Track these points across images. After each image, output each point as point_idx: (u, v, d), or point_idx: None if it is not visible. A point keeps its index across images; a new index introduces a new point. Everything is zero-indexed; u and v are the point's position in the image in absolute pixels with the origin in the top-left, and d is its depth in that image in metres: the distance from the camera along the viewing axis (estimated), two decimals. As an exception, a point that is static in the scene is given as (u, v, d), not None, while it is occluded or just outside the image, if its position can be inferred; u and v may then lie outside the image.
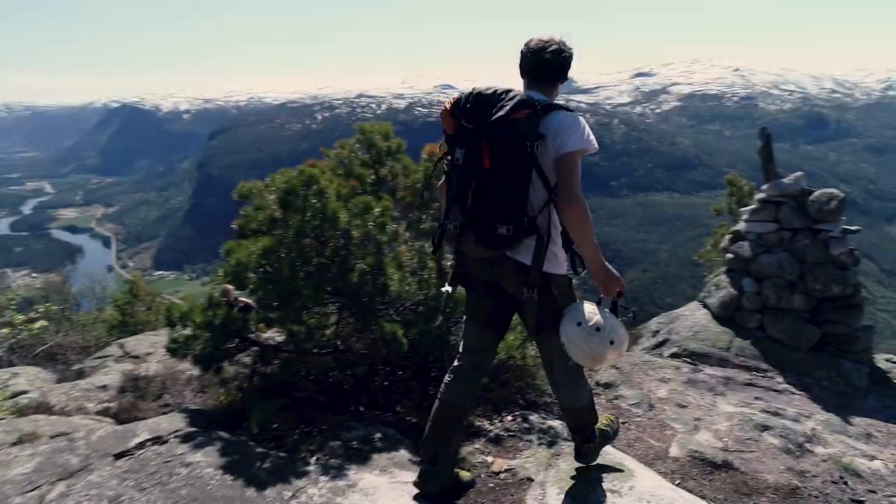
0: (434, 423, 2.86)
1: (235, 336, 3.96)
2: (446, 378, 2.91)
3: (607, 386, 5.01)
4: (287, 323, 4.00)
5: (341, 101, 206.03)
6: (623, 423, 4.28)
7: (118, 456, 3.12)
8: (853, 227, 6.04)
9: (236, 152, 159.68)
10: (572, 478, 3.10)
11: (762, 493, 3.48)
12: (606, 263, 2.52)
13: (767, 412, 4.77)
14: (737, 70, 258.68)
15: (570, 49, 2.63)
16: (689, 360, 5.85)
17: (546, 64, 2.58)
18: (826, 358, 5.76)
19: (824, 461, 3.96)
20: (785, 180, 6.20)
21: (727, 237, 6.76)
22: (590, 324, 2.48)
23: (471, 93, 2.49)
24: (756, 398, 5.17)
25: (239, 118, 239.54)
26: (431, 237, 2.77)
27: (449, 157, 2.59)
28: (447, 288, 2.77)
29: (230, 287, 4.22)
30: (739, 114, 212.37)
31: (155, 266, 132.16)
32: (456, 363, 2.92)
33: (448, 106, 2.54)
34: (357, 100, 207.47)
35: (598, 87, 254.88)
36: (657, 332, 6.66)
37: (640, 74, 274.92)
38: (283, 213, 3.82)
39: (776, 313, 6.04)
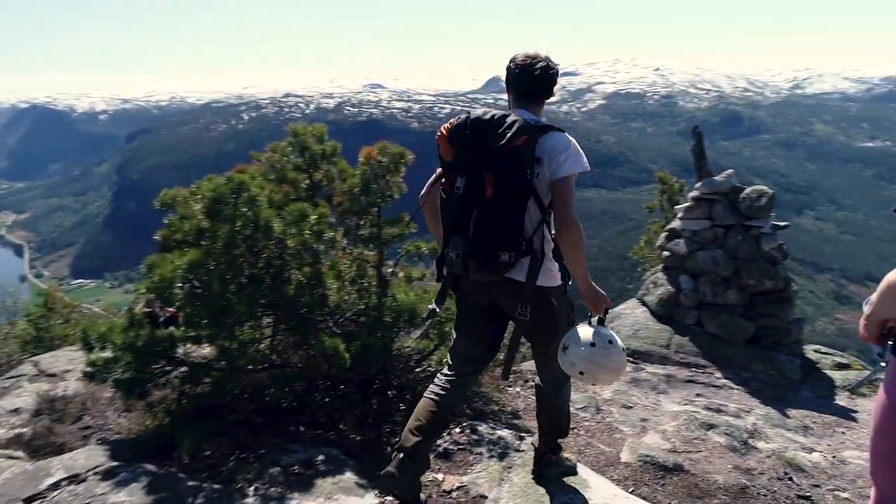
0: (422, 419, 2.74)
1: (161, 357, 3.66)
2: (440, 381, 2.82)
3: (553, 390, 4.94)
4: (218, 340, 3.72)
5: (268, 101, 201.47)
6: (573, 428, 4.20)
7: (29, 501, 2.79)
8: (782, 223, 6.21)
9: (158, 154, 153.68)
10: (526, 492, 3.00)
11: (713, 494, 3.47)
12: (592, 283, 2.54)
13: (710, 409, 4.81)
14: (657, 70, 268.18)
15: (557, 65, 2.64)
16: (631, 359, 5.86)
17: (535, 80, 2.57)
18: (761, 351, 5.89)
19: (768, 457, 4.00)
20: (717, 178, 6.31)
21: (663, 235, 6.83)
22: (602, 340, 2.46)
23: (467, 118, 2.45)
24: (698, 395, 5.22)
25: (160, 119, 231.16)
26: (437, 264, 2.70)
27: (446, 184, 2.52)
28: (433, 306, 2.74)
29: (153, 296, 3.91)
30: (661, 112, 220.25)
31: (73, 274, 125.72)
32: (448, 373, 2.84)
33: (445, 132, 2.50)
34: (284, 99, 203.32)
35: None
36: (598, 331, 6.68)
37: (565, 74, 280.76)
38: (210, 223, 3.55)
39: (712, 309, 6.13)
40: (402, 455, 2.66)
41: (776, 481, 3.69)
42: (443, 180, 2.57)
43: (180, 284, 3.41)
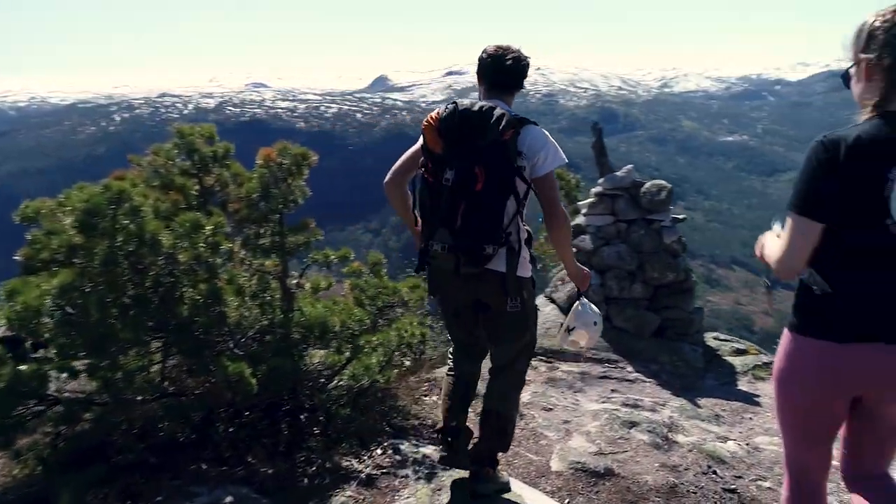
0: (449, 399, 3.04)
1: (29, 397, 3.12)
2: (451, 361, 3.11)
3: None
4: (99, 371, 3.22)
5: (142, 101, 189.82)
6: (497, 438, 4.04)
7: None
8: (681, 216, 6.37)
9: (18, 159, 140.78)
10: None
11: (646, 497, 3.40)
12: (577, 263, 2.85)
13: (628, 405, 4.81)
14: (538, 69, 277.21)
15: (528, 57, 2.70)
16: (544, 358, 5.80)
17: (507, 70, 2.64)
18: (667, 343, 6.01)
19: (690, 451, 4.01)
20: (618, 174, 6.38)
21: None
22: (597, 315, 3.01)
23: (455, 110, 2.47)
24: (613, 391, 5.22)
25: (19, 121, 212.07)
26: (419, 257, 2.71)
27: (429, 175, 2.53)
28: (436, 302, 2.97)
29: None
30: (542, 109, 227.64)
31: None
32: (453, 379, 3.08)
33: (433, 122, 2.51)
34: (160, 99, 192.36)
35: (412, 86, 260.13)
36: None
37: (451, 73, 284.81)
38: (85, 239, 3.05)
39: (619, 303, 6.19)
40: (447, 437, 2.94)
41: (702, 476, 3.69)
42: (423, 170, 2.57)
43: (50, 312, 2.90)
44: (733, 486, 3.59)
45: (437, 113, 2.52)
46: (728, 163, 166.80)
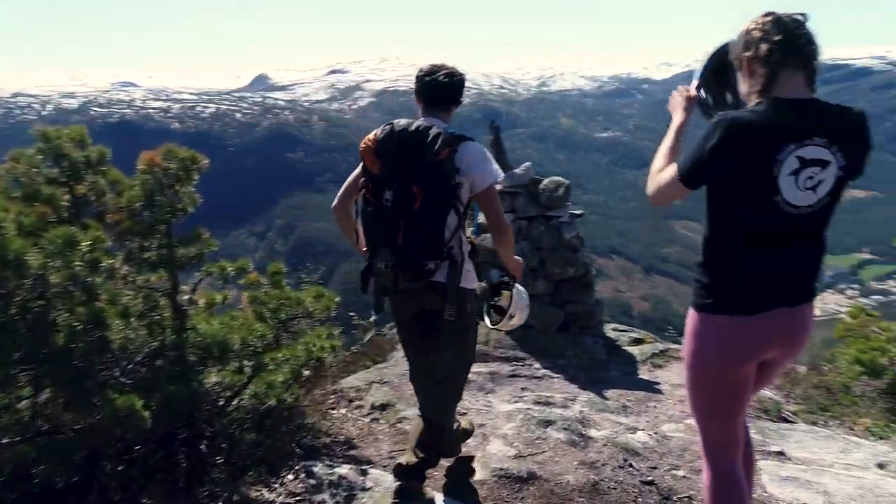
0: (414, 437, 3.05)
1: None
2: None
3: (384, 408, 4.57)
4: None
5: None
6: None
7: None
8: (578, 212, 6.48)
9: None
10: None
11: (570, 498, 3.36)
12: (515, 258, 3.02)
13: (540, 403, 4.80)
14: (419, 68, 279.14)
15: (462, 74, 2.84)
16: (453, 360, 5.71)
17: (442, 87, 2.74)
18: (571, 337, 6.10)
19: (605, 446, 4.04)
20: (517, 171, 6.40)
21: (470, 230, 6.79)
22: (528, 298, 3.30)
23: (392, 131, 2.55)
24: (523, 389, 5.21)
25: None
26: (361, 276, 2.79)
27: (370, 196, 2.60)
28: (373, 317, 3.12)
29: None
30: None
31: None
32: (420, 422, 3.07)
33: (371, 144, 2.58)
34: (13, 99, 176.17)
35: (294, 85, 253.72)
36: (414, 334, 6.45)
37: (334, 71, 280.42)
38: (-71, 262, 2.59)
39: (523, 300, 6.21)
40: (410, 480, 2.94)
41: (619, 470, 3.71)
42: (363, 192, 2.63)
43: None
44: (650, 478, 3.64)
45: (375, 135, 2.60)
46: (603, 158, 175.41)
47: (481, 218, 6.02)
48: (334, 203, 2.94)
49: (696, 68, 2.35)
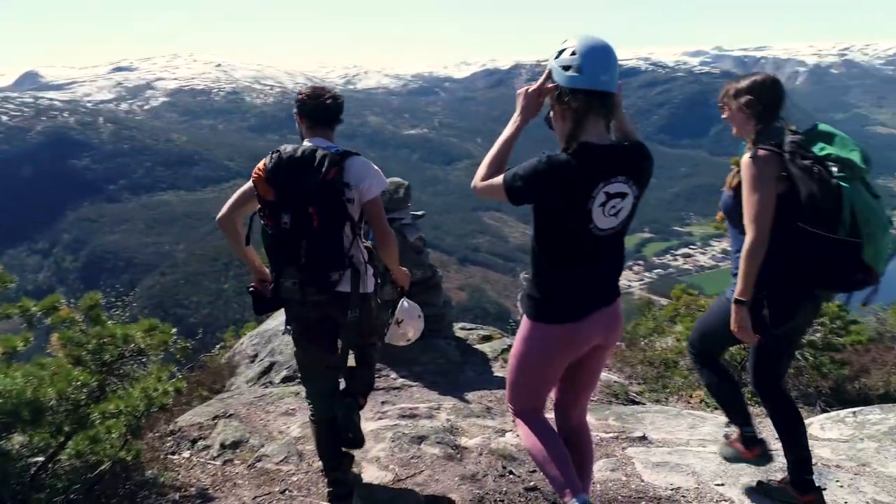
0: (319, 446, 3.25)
1: None
2: (310, 408, 3.21)
3: (236, 446, 4.05)
4: None
5: None
6: (283, 493, 3.46)
7: None
8: (419, 213, 6.33)
9: None
10: None
11: (460, 518, 3.18)
12: (400, 267, 3.32)
13: (405, 416, 4.57)
14: (219, 65, 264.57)
15: (342, 97, 3.05)
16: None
17: (327, 108, 2.95)
18: (424, 342, 5.91)
19: (481, 455, 3.92)
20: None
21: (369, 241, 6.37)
22: (419, 310, 3.60)
23: (280, 158, 2.72)
24: (384, 403, 4.95)
25: None
26: (254, 296, 3.16)
27: (269, 220, 2.77)
28: (287, 327, 3.10)
29: None
30: (229, 108, 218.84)
31: None
32: (316, 426, 3.19)
33: (261, 173, 2.73)
34: None
35: (72, 83, 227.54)
36: (256, 355, 5.88)
37: (119, 69, 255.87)
38: None
39: (371, 308, 5.94)
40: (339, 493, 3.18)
41: (501, 480, 3.60)
42: (261, 216, 2.81)
43: None
44: (532, 483, 3.56)
45: (264, 164, 2.74)
46: (413, 154, 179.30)
47: None
48: (221, 214, 3.06)
49: (551, 65, 2.31)
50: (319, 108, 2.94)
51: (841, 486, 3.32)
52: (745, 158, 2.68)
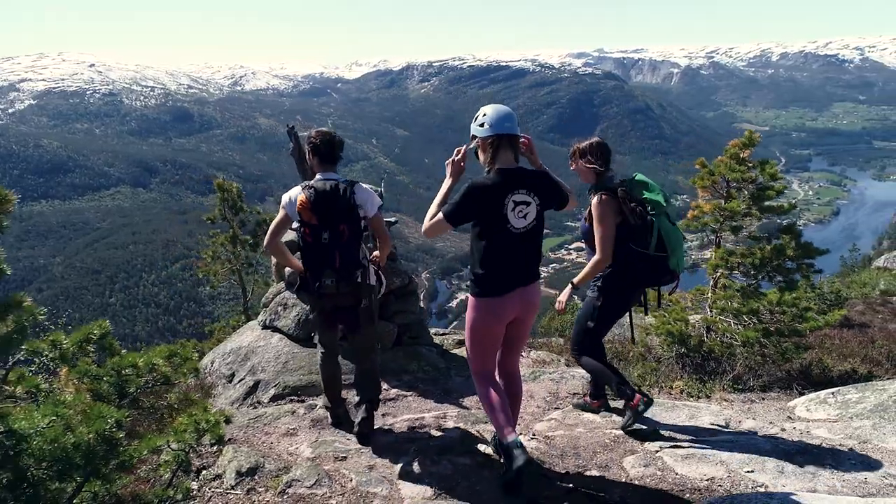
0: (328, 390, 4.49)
1: None
2: (322, 362, 4.36)
3: (252, 473, 3.81)
4: None
5: None
6: (329, 517, 3.30)
7: None
8: (392, 219, 6.23)
9: None
10: None
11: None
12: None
13: (415, 428, 4.50)
14: (92, 66, 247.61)
15: (341, 136, 4.11)
16: (296, 398, 5.07)
17: (337, 148, 4.00)
18: (407, 349, 5.85)
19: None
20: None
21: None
22: None
23: (317, 192, 3.79)
24: (385, 415, 4.83)
25: None
26: (313, 292, 3.99)
27: (309, 236, 3.85)
28: (313, 314, 4.36)
29: None
30: (106, 111, 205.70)
31: None
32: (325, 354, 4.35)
33: (307, 204, 3.77)
34: None
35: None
36: (232, 375, 5.56)
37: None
38: None
39: (351, 319, 5.78)
40: (337, 410, 4.53)
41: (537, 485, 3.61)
42: (303, 233, 3.86)
43: None
44: (570, 484, 3.60)
45: (306, 197, 3.77)
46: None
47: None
48: (267, 242, 3.96)
49: (473, 129, 3.42)
50: (330, 148, 3.94)
51: (854, 464, 3.59)
52: (594, 199, 3.92)
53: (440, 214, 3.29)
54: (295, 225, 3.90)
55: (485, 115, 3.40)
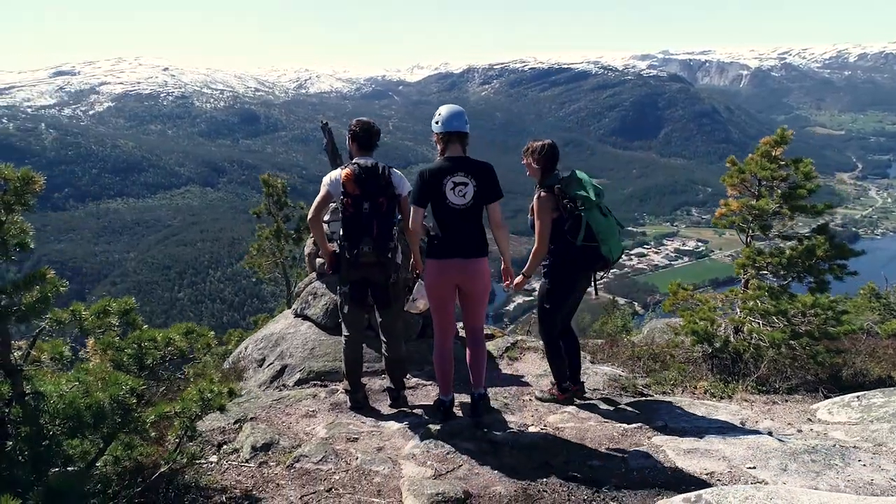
0: (350, 375, 4.78)
1: None
2: (346, 346, 4.67)
3: (267, 448, 4.02)
4: None
5: None
6: (329, 491, 3.47)
7: None
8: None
9: None
10: None
11: (511, 510, 3.24)
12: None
13: (429, 415, 4.61)
14: (166, 69, 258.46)
15: (377, 125, 4.62)
16: (320, 382, 5.28)
17: (374, 135, 4.47)
18: (431, 342, 5.95)
19: (513, 449, 3.98)
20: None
21: (310, 241, 6.34)
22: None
23: (360, 167, 4.22)
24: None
25: None
26: (350, 257, 4.31)
27: (350, 206, 4.23)
28: (345, 290, 4.53)
29: None
30: (178, 113, 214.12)
31: None
32: (348, 336, 4.68)
33: (351, 176, 4.19)
34: None
35: (10, 88, 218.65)
36: (263, 359, 5.82)
37: (60, 73, 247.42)
38: None
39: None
40: (357, 394, 4.83)
41: (539, 471, 3.67)
42: (344, 204, 4.24)
43: None
44: (570, 473, 3.64)
45: (351, 170, 4.20)
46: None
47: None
48: (311, 216, 4.44)
49: (433, 126, 4.25)
50: (369, 136, 4.41)
51: (864, 466, 3.51)
52: (535, 196, 4.47)
53: (409, 204, 4.22)
54: (334, 204, 4.47)
55: (440, 114, 4.19)
